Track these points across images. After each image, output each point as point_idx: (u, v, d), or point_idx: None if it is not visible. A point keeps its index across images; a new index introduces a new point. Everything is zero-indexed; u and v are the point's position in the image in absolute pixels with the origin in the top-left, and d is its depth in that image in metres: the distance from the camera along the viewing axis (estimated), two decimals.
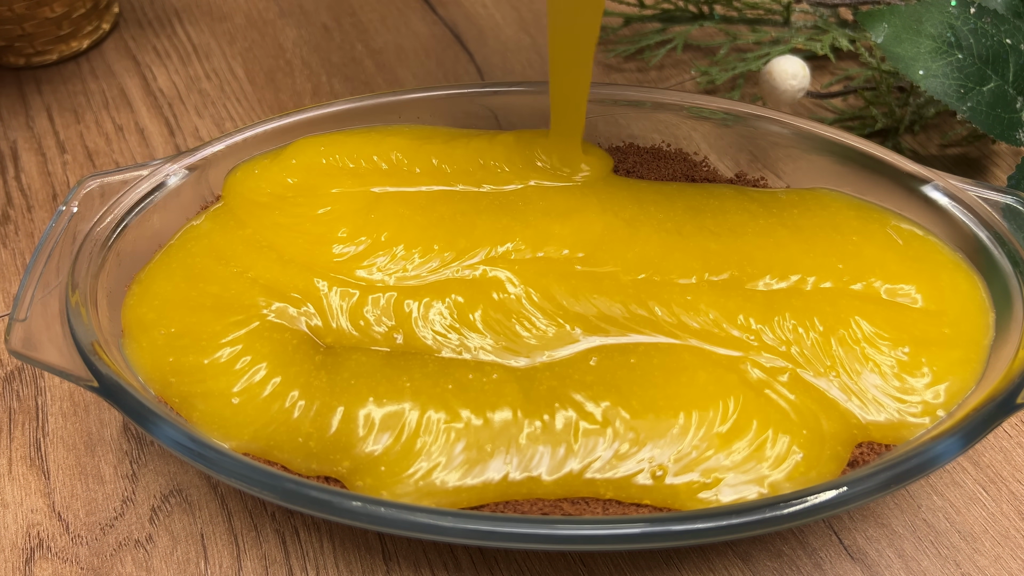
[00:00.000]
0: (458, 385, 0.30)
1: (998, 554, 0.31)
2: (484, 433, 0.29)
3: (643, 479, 0.28)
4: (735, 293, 0.33)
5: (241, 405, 0.30)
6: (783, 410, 0.29)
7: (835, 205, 0.35)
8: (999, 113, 0.36)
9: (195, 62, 0.50)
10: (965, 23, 0.36)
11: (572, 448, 0.29)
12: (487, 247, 0.34)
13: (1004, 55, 0.36)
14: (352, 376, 0.30)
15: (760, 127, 0.37)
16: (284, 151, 0.37)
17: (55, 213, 0.34)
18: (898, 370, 0.30)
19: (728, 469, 0.28)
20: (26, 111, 0.48)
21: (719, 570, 0.31)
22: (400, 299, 0.33)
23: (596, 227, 0.35)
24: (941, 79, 0.36)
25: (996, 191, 0.34)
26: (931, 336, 0.31)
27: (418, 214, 0.35)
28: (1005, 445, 0.34)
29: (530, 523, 0.26)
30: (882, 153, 0.35)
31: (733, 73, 0.47)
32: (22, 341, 0.30)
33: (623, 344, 0.32)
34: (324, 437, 0.29)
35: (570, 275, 0.33)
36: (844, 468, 0.29)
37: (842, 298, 0.32)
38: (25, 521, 0.33)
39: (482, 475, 0.28)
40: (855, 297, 0.32)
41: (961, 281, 0.33)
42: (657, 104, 0.38)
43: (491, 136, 0.38)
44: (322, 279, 0.33)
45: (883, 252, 0.33)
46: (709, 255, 0.34)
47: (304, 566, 0.31)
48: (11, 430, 0.35)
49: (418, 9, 0.53)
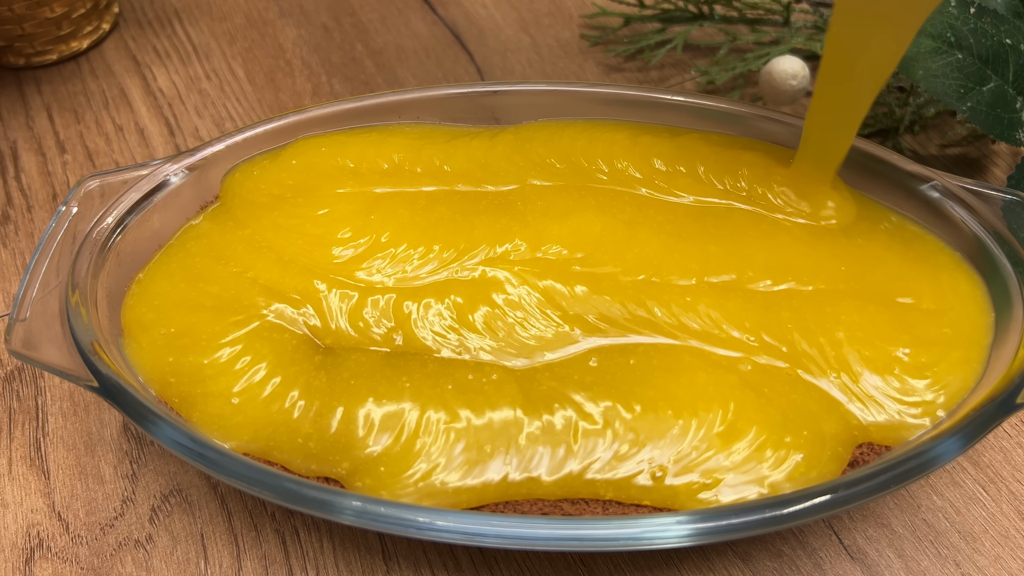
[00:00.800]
0: (457, 386, 0.30)
1: (998, 554, 0.31)
2: (484, 433, 0.29)
3: (643, 480, 0.28)
4: (735, 294, 0.33)
5: (241, 405, 0.30)
6: (783, 411, 0.29)
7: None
8: (999, 113, 0.36)
9: (195, 62, 0.50)
10: (965, 23, 0.36)
11: (572, 449, 0.29)
12: (486, 248, 0.34)
13: (1004, 55, 0.36)
14: (352, 376, 0.30)
15: (760, 127, 0.37)
16: (284, 151, 0.37)
17: (55, 213, 0.34)
18: (898, 371, 0.30)
19: (728, 470, 0.28)
20: (26, 111, 0.48)
21: (719, 570, 0.31)
22: (399, 300, 0.33)
23: (595, 228, 0.35)
24: (941, 79, 0.36)
25: (996, 191, 0.34)
26: (931, 336, 0.31)
27: (418, 215, 0.35)
28: (1005, 445, 0.34)
29: (530, 523, 0.26)
30: (882, 153, 0.35)
31: (733, 73, 0.47)
32: (22, 341, 0.30)
33: (623, 345, 0.32)
34: (324, 438, 0.29)
35: (569, 275, 0.33)
36: (844, 468, 0.29)
37: (843, 299, 0.32)
38: (25, 521, 0.33)
39: (482, 476, 0.28)
40: (855, 298, 0.32)
41: (961, 281, 0.33)
42: (657, 104, 0.38)
43: (492, 135, 0.38)
44: (321, 280, 0.33)
45: (884, 252, 0.33)
46: (708, 257, 0.34)
47: (304, 566, 0.31)
48: (11, 430, 0.35)
49: (418, 9, 0.53)
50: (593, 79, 0.49)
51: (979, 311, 0.32)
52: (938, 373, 0.30)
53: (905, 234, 0.34)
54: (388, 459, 0.28)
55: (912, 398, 0.30)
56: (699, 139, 0.37)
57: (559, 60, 0.50)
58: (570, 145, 0.37)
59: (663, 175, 0.36)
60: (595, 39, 0.51)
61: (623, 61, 0.50)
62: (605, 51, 0.51)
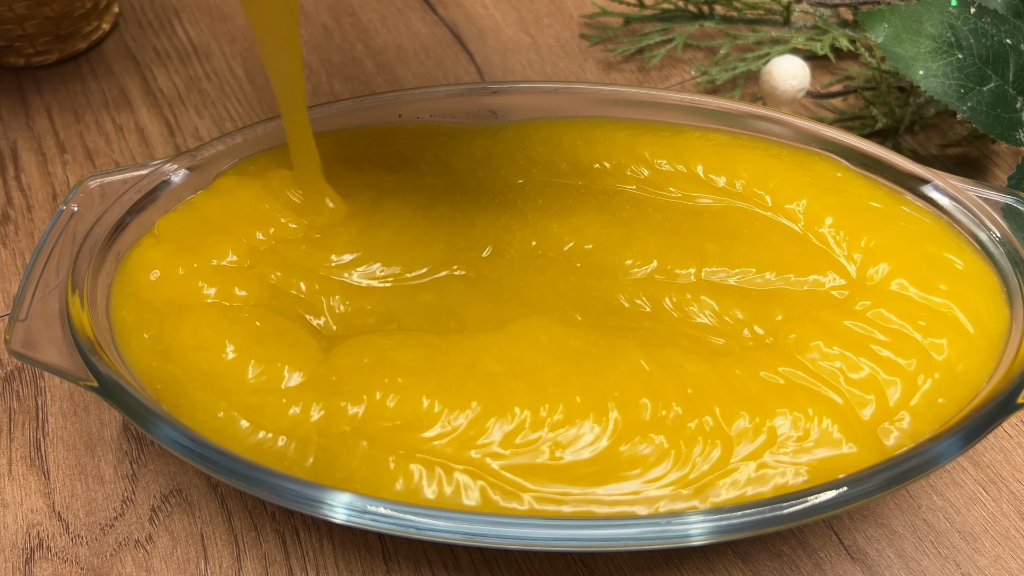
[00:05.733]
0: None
1: (998, 554, 0.31)
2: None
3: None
4: (734, 291, 0.33)
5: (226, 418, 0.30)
6: (783, 411, 0.29)
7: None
8: (999, 113, 0.36)
9: (195, 62, 0.50)
10: (965, 23, 0.36)
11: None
12: (486, 244, 0.34)
13: (1004, 55, 0.36)
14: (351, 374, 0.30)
15: (760, 127, 0.37)
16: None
17: (55, 213, 0.34)
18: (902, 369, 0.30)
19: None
20: (26, 111, 0.48)
21: (719, 570, 0.31)
22: (399, 299, 0.33)
23: (594, 226, 0.35)
24: (941, 79, 0.36)
25: (996, 191, 0.34)
26: (937, 333, 0.31)
27: (419, 215, 0.35)
28: (1005, 445, 0.34)
29: (530, 523, 0.26)
30: (882, 153, 0.35)
31: (733, 73, 0.47)
32: (22, 341, 0.30)
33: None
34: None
35: (568, 272, 0.33)
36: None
37: (850, 298, 0.32)
38: (25, 521, 0.33)
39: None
40: (860, 296, 0.32)
41: (975, 274, 0.32)
42: (657, 104, 0.38)
43: (493, 132, 0.38)
44: (321, 283, 0.33)
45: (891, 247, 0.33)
46: (706, 255, 0.34)
47: (304, 566, 0.31)
48: (11, 430, 0.35)
49: (418, 9, 0.53)
50: (593, 79, 0.49)
51: (994, 308, 0.31)
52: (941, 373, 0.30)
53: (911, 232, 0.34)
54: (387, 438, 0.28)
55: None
56: (699, 138, 0.37)
57: (559, 60, 0.50)
58: (570, 145, 0.37)
59: (662, 174, 0.36)
60: (595, 39, 0.51)
61: (623, 61, 0.50)
62: (605, 51, 0.51)
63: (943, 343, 0.30)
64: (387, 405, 0.28)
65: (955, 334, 0.30)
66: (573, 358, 0.30)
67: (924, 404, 0.29)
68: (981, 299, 0.31)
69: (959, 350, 0.30)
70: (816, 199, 0.35)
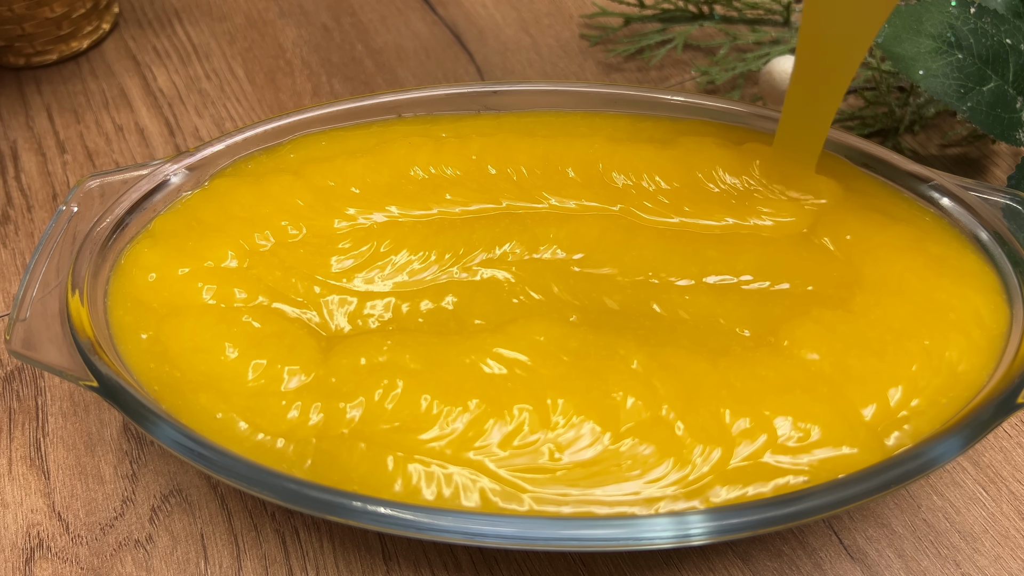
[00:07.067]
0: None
1: (998, 554, 0.31)
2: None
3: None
4: (734, 291, 0.33)
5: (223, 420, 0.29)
6: (784, 412, 0.29)
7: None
8: (999, 113, 0.36)
9: (195, 62, 0.50)
10: (965, 23, 0.36)
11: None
12: (485, 250, 0.34)
13: (1004, 55, 0.36)
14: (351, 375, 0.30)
15: (760, 127, 0.37)
16: (282, 147, 0.37)
17: (55, 213, 0.34)
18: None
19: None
20: (26, 111, 0.48)
21: (719, 570, 0.31)
22: (399, 303, 0.33)
23: (593, 230, 0.35)
24: (941, 79, 0.36)
25: (996, 191, 0.34)
26: (937, 333, 0.31)
27: (419, 218, 0.35)
28: (1005, 445, 0.34)
29: (530, 523, 0.26)
30: (882, 153, 0.35)
31: (733, 73, 0.47)
32: (22, 341, 0.30)
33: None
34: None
35: (567, 276, 0.33)
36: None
37: (850, 298, 0.32)
38: (25, 521, 0.33)
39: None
40: (860, 296, 0.32)
41: (975, 274, 0.32)
42: (657, 104, 0.38)
43: (495, 127, 0.38)
44: (320, 286, 0.33)
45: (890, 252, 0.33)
46: (707, 260, 0.34)
47: (304, 566, 0.31)
48: (11, 430, 0.35)
49: (418, 9, 0.53)
50: (593, 79, 0.49)
51: (994, 310, 0.31)
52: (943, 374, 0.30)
53: (911, 234, 0.34)
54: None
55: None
56: (697, 142, 0.37)
57: (559, 60, 0.50)
58: (564, 151, 0.37)
59: (661, 178, 0.36)
60: (595, 39, 0.51)
61: (623, 61, 0.50)
62: (605, 51, 0.51)
63: (943, 343, 0.30)
64: (386, 407, 0.28)
65: (955, 334, 0.30)
66: (572, 359, 0.30)
67: (924, 404, 0.29)
68: (981, 299, 0.31)
69: (959, 350, 0.30)
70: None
